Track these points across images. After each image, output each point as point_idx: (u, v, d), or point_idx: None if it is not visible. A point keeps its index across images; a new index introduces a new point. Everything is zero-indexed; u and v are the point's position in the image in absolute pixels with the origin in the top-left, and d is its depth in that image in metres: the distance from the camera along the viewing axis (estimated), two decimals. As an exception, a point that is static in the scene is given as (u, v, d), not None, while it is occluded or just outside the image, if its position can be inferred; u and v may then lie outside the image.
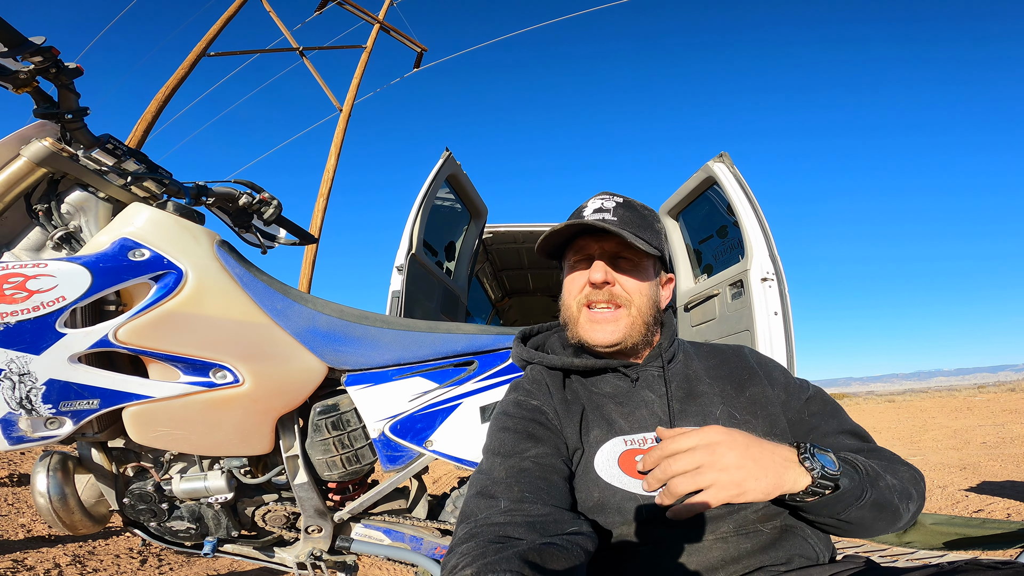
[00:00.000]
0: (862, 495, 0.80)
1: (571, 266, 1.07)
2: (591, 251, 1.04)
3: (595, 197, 1.07)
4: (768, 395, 1.00)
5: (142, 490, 1.43)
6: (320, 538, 1.53)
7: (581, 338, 1.03)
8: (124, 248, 1.29)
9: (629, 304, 1.01)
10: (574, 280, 1.05)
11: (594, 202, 1.05)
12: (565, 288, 1.07)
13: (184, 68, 8.36)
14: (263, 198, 1.76)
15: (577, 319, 1.03)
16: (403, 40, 11.78)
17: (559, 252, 1.12)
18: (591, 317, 1.01)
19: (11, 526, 3.05)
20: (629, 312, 1.01)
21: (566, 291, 1.06)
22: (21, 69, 1.18)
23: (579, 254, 1.05)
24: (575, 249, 1.06)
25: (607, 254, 1.03)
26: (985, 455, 6.36)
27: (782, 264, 3.01)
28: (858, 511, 0.82)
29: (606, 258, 1.02)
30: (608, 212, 1.02)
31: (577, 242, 1.06)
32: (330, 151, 10.26)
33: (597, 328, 1.00)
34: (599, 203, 1.05)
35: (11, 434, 1.21)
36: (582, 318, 1.02)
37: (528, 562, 0.64)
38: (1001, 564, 0.67)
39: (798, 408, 1.00)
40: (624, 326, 1.00)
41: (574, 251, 1.06)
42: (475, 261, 4.73)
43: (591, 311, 1.02)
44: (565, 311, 1.06)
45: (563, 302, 1.07)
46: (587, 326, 1.01)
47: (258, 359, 1.37)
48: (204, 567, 2.95)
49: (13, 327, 1.18)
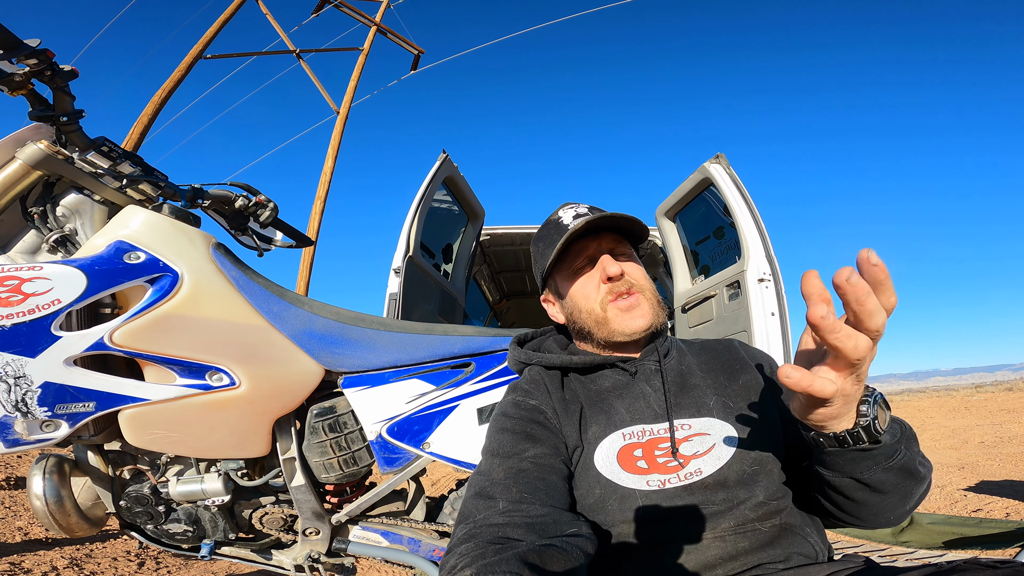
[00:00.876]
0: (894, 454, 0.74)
1: (573, 274, 1.06)
2: (590, 252, 1.04)
3: (563, 209, 1.08)
4: (761, 383, 1.00)
5: (139, 493, 1.43)
6: (318, 540, 1.53)
7: (617, 332, 1.01)
8: (120, 251, 1.29)
9: (643, 289, 1.02)
10: (586, 284, 1.04)
11: (566, 212, 1.06)
12: (577, 295, 1.05)
13: (180, 71, 8.36)
14: (259, 201, 1.76)
15: (606, 317, 1.01)
16: (400, 43, 11.80)
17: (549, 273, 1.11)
18: (620, 307, 1.00)
19: (8, 529, 3.04)
20: (646, 296, 1.02)
21: (580, 297, 1.04)
22: (16, 72, 1.18)
23: (577, 259, 1.05)
24: (571, 257, 1.06)
25: (606, 251, 1.04)
26: (983, 455, 6.38)
27: (779, 265, 3.02)
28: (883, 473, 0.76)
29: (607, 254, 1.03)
30: (588, 215, 1.03)
31: (571, 251, 1.06)
32: (327, 153, 10.26)
33: (631, 316, 1.00)
34: (572, 211, 1.05)
35: (7, 437, 1.21)
36: (611, 313, 1.01)
37: (527, 563, 0.64)
38: (1000, 563, 0.67)
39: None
40: (649, 308, 1.01)
41: (568, 260, 1.06)
42: (473, 263, 4.73)
43: (618, 302, 1.01)
44: (587, 316, 1.03)
45: (580, 308, 1.04)
46: (621, 318, 1.00)
47: (254, 362, 1.37)
48: (201, 570, 2.94)
49: (8, 330, 1.18)
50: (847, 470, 0.77)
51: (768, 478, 0.90)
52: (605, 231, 1.06)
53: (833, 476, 0.80)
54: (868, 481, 0.77)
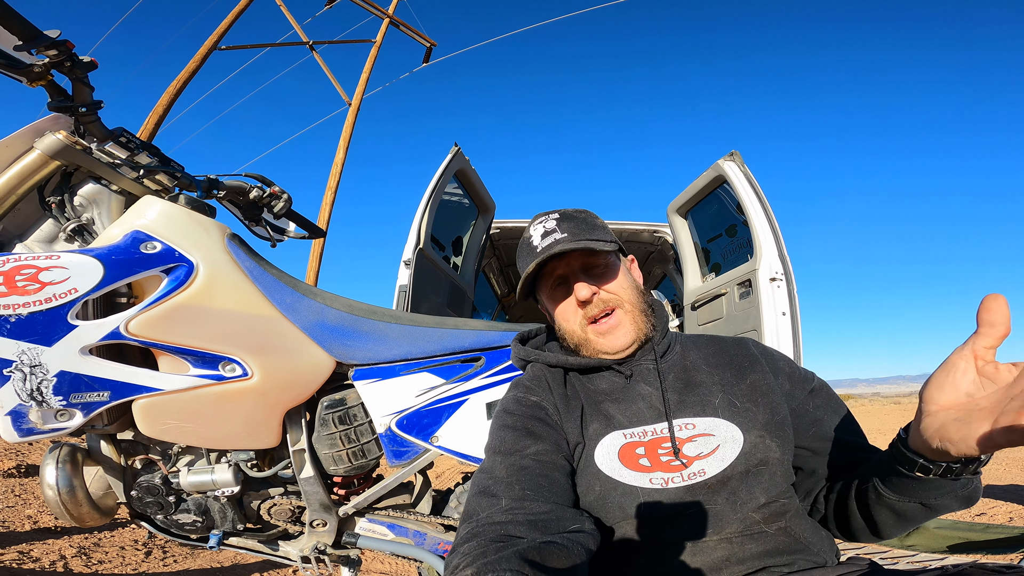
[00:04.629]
0: (968, 483, 0.72)
1: (550, 296, 1.08)
2: (560, 272, 1.05)
3: (533, 224, 1.07)
4: (770, 383, 0.98)
5: (150, 483, 1.44)
6: (325, 532, 1.54)
7: (599, 352, 1.02)
8: (136, 241, 1.30)
9: (621, 302, 1.02)
10: (565, 307, 1.05)
11: (536, 229, 1.05)
12: (559, 317, 1.07)
13: (195, 62, 8.40)
14: (273, 192, 1.76)
15: (586, 338, 1.03)
16: (412, 35, 11.76)
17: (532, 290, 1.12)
18: (598, 331, 1.02)
19: (18, 517, 3.08)
20: (624, 310, 1.02)
21: (562, 319, 1.06)
22: (36, 63, 1.19)
23: (550, 279, 1.06)
24: (544, 278, 1.07)
25: (576, 270, 1.03)
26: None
27: (791, 264, 3.00)
28: (952, 499, 0.74)
29: (578, 273, 1.03)
30: (555, 232, 1.02)
31: (544, 272, 1.06)
32: (339, 145, 10.26)
33: (609, 338, 1.01)
34: (541, 228, 1.05)
35: (21, 426, 1.22)
36: (590, 335, 1.02)
37: (529, 561, 0.64)
38: (1004, 568, 0.67)
39: (802, 398, 0.99)
40: (629, 325, 1.01)
41: (545, 280, 1.07)
42: (482, 256, 4.73)
43: (595, 325, 1.02)
44: (571, 337, 1.05)
45: (564, 330, 1.06)
46: (599, 340, 1.01)
47: (267, 352, 1.37)
48: (208, 559, 2.97)
49: (25, 318, 1.19)
50: (921, 495, 0.74)
51: (772, 480, 0.90)
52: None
53: (899, 499, 0.77)
54: (936, 506, 0.75)
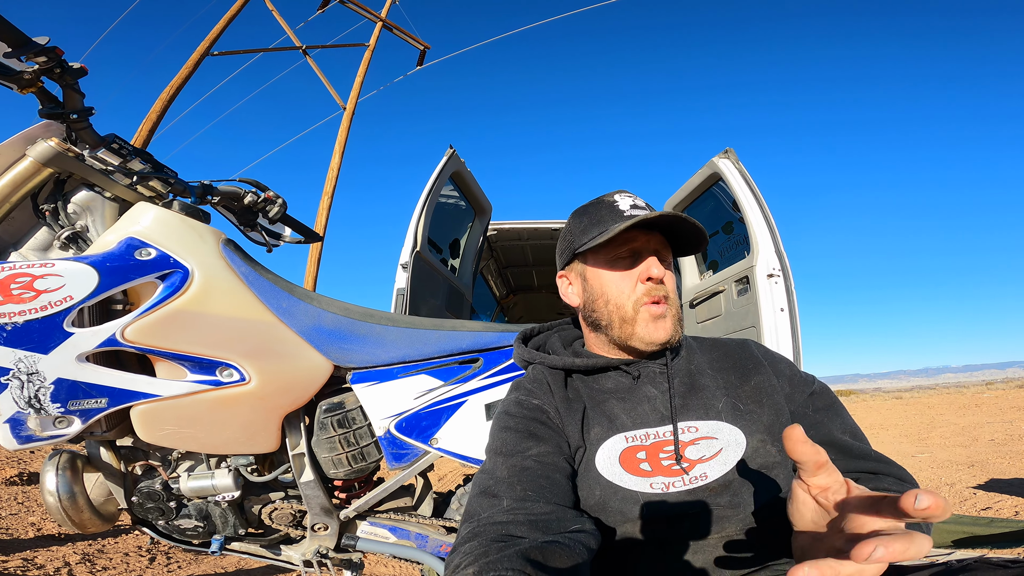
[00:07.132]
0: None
1: (610, 262, 1.00)
2: (636, 245, 0.99)
3: (619, 194, 1.02)
4: (773, 385, 0.97)
5: (150, 488, 1.44)
6: (326, 536, 1.53)
7: (638, 337, 0.96)
8: (131, 247, 1.30)
9: (673, 303, 0.98)
10: (623, 278, 0.98)
11: (623, 198, 1.00)
12: (609, 286, 0.99)
13: (188, 67, 8.39)
14: (268, 196, 1.76)
15: (635, 318, 0.96)
16: (406, 38, 11.78)
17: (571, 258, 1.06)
18: (653, 312, 0.95)
19: (21, 525, 3.07)
20: (673, 311, 0.98)
21: (612, 289, 0.99)
22: (25, 69, 1.18)
23: (618, 249, 0.99)
24: (615, 245, 0.99)
25: (654, 248, 0.99)
26: (993, 452, 6.32)
27: (788, 260, 3.00)
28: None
29: (655, 252, 0.98)
30: (644, 209, 0.98)
31: (615, 240, 0.99)
32: (334, 149, 10.27)
33: (657, 326, 0.95)
34: (629, 200, 1.00)
35: (20, 433, 1.22)
36: (641, 316, 0.96)
37: (530, 560, 0.64)
38: (1010, 563, 0.67)
39: (802, 402, 0.98)
40: (672, 323, 0.97)
41: (608, 248, 1.00)
42: (480, 258, 4.73)
43: (651, 308, 0.96)
44: (614, 310, 0.98)
45: (609, 299, 0.99)
46: (648, 324, 0.95)
47: (264, 357, 1.37)
48: (212, 565, 2.96)
49: (21, 327, 1.19)
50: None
51: (775, 482, 0.89)
52: (656, 230, 1.01)
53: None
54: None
